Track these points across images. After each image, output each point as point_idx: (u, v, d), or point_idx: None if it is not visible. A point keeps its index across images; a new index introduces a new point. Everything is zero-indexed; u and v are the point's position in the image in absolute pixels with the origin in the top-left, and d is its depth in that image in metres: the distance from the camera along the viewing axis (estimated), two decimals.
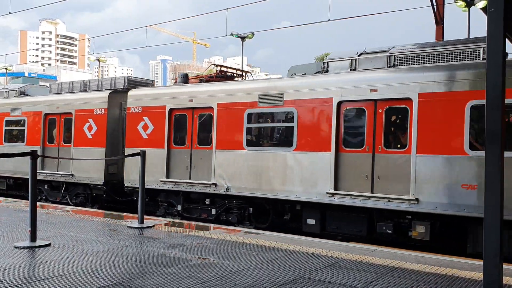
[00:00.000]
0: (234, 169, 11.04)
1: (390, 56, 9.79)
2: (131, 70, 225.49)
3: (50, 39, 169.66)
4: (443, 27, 17.81)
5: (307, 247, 7.05)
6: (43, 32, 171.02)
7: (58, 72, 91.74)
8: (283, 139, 10.62)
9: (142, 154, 8.90)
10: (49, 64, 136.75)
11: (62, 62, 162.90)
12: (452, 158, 8.51)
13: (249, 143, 11.01)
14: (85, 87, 15.05)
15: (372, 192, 9.32)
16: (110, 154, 13.57)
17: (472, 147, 8.34)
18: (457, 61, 9.08)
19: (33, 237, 6.77)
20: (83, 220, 9.46)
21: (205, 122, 11.81)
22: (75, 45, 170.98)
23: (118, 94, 14.07)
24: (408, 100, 9.03)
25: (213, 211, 11.68)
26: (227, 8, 21.89)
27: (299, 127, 10.27)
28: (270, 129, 11.08)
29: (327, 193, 9.74)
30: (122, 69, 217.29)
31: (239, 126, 11.10)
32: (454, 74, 8.77)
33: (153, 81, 15.93)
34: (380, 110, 9.38)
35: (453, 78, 8.74)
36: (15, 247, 6.57)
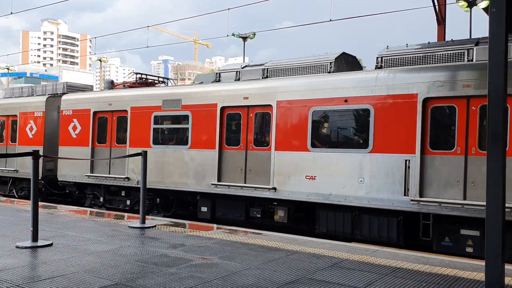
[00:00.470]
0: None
1: (264, 69, 11.65)
2: (133, 70, 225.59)
3: (52, 39, 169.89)
4: (445, 27, 17.80)
5: (309, 248, 7.05)
6: (45, 32, 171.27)
7: (60, 72, 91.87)
8: (181, 139, 12.35)
9: (144, 155, 8.91)
10: (51, 65, 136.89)
11: (64, 62, 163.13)
12: (299, 154, 10.32)
13: (155, 142, 12.76)
14: (32, 91, 16.92)
15: (245, 183, 11.15)
16: (48, 152, 15.16)
17: (313, 145, 10.18)
18: (313, 72, 10.93)
19: (35, 237, 6.78)
20: (85, 220, 9.48)
21: (121, 124, 13.57)
22: (77, 45, 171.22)
23: (57, 98, 15.66)
24: (270, 106, 10.83)
25: (128, 202, 13.40)
26: (228, 8, 21.89)
27: (193, 128, 12.04)
28: (171, 129, 12.79)
29: (212, 184, 11.50)
30: (124, 69, 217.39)
31: (147, 127, 12.89)
32: (300, 84, 10.58)
33: (92, 86, 17.84)
34: (251, 114, 11.20)
35: (301, 88, 10.49)
36: (17, 247, 6.58)
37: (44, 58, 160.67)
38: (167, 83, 15.62)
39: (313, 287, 4.93)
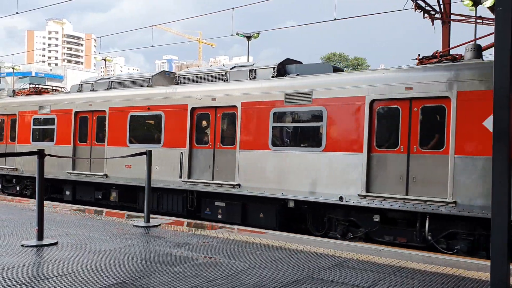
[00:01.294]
0: (25, 159, 15.95)
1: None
2: (137, 70, 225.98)
3: (57, 38, 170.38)
4: (449, 26, 17.74)
5: (313, 247, 7.05)
6: (49, 32, 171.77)
7: (64, 72, 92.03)
8: (44, 137, 15.96)
9: (149, 153, 8.92)
10: (56, 64, 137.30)
11: (69, 61, 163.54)
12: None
13: (35, 139, 16.31)
14: None
15: (90, 171, 14.39)
16: None
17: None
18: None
19: (40, 236, 6.81)
20: (90, 219, 9.51)
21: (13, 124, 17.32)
22: (82, 45, 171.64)
23: None
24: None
25: (18, 188, 17.01)
26: (233, 8, 21.87)
27: (58, 129, 15.40)
28: (43, 129, 16.07)
29: (68, 172, 14.74)
30: (128, 69, 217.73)
31: (29, 128, 16.52)
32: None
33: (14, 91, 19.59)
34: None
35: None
36: (22, 245, 6.62)
37: (49, 57, 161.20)
38: (61, 91, 18.65)
39: (318, 287, 4.93)
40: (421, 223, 9.03)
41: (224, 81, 12.35)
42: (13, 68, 64.30)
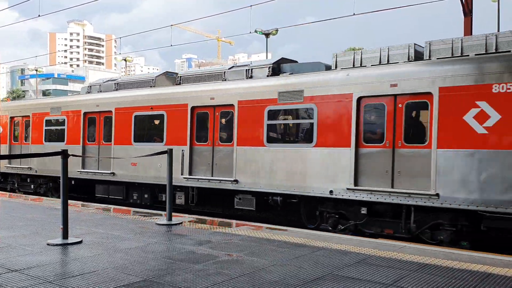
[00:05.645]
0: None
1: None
2: (157, 69, 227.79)
3: (78, 40, 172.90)
4: (471, 18, 17.41)
5: (334, 244, 7.01)
6: (71, 34, 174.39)
7: (86, 73, 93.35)
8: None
9: (169, 152, 8.99)
10: (78, 65, 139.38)
11: (90, 62, 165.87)
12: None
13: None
14: None
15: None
16: None
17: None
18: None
19: (65, 235, 6.93)
20: (113, 217, 9.64)
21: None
22: (102, 46, 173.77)
23: None
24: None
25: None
26: (251, 6, 21.88)
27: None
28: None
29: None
30: (148, 68, 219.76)
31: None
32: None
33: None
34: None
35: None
36: (48, 244, 6.74)
37: (71, 59, 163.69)
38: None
39: (340, 284, 4.90)
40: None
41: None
42: (36, 70, 65.51)
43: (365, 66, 10.41)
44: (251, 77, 12.27)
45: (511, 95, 8.11)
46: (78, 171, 15.35)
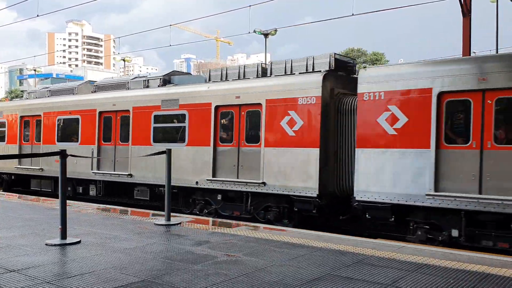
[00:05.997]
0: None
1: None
2: (156, 69, 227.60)
3: (77, 40, 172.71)
4: (470, 19, 17.42)
5: (333, 244, 7.02)
6: (69, 34, 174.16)
7: (85, 73, 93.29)
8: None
9: (168, 153, 8.99)
10: (76, 65, 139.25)
11: (89, 62, 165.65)
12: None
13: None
14: None
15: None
16: None
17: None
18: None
19: (63, 235, 6.92)
20: (112, 217, 9.63)
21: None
22: (101, 46, 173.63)
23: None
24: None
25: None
26: (249, 6, 21.88)
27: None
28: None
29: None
30: (147, 68, 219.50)
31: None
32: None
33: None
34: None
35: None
36: (46, 244, 6.74)
37: (70, 59, 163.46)
38: None
39: (339, 284, 4.91)
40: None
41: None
42: (35, 70, 65.45)
43: (226, 81, 12.88)
44: (147, 86, 14.64)
45: (310, 105, 10.68)
46: (16, 167, 17.90)
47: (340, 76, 11.27)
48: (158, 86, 14.29)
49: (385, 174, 9.52)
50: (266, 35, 34.56)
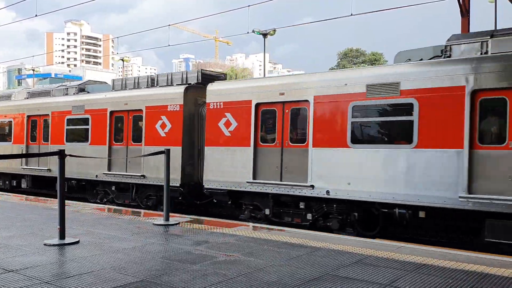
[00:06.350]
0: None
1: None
2: (155, 69, 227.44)
3: (75, 40, 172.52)
4: (469, 19, 17.44)
5: (332, 244, 7.02)
6: (68, 34, 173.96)
7: (83, 73, 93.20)
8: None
9: (167, 153, 8.99)
10: (75, 65, 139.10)
11: (87, 62, 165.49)
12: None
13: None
14: None
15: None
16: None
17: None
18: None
19: (62, 235, 6.92)
20: (110, 217, 9.63)
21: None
22: (100, 46, 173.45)
23: None
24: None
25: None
26: (248, 6, 21.88)
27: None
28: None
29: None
30: (146, 68, 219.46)
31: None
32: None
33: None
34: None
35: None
36: (45, 244, 6.73)
37: (68, 58, 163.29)
38: None
39: (337, 284, 4.91)
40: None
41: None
42: (33, 70, 65.36)
43: (123, 90, 15.09)
44: (67, 94, 17.04)
45: (176, 112, 13.07)
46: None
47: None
48: (73, 94, 16.83)
49: (223, 167, 11.91)
50: (264, 35, 34.56)
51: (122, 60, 57.52)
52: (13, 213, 10.00)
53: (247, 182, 11.46)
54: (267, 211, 11.45)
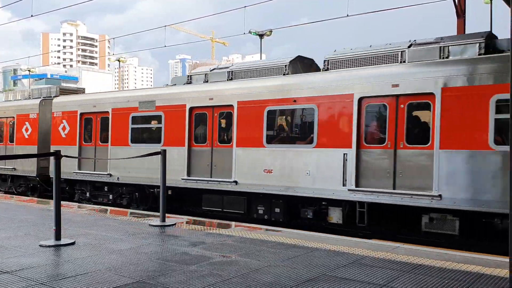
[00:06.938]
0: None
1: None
2: (151, 70, 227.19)
3: (71, 40, 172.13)
4: (464, 20, 17.50)
5: (329, 245, 7.02)
6: (64, 34, 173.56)
7: (79, 73, 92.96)
8: None
9: (163, 153, 8.97)
10: (71, 66, 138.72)
11: (83, 63, 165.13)
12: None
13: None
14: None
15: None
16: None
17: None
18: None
19: (58, 236, 6.89)
20: (106, 218, 9.60)
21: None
22: (96, 46, 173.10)
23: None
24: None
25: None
26: (245, 6, 21.86)
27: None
28: None
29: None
30: (142, 69, 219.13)
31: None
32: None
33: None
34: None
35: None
36: (40, 245, 6.71)
37: (64, 59, 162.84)
38: None
39: (334, 284, 4.91)
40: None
41: (23, 99, 19.30)
42: (29, 71, 65.15)
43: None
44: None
45: (35, 119, 17.45)
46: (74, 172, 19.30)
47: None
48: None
49: (66, 160, 12.51)
50: (261, 36, 34.56)
51: (118, 60, 57.44)
52: (9, 213, 9.95)
53: (74, 172, 15.45)
54: (87, 194, 15.44)
